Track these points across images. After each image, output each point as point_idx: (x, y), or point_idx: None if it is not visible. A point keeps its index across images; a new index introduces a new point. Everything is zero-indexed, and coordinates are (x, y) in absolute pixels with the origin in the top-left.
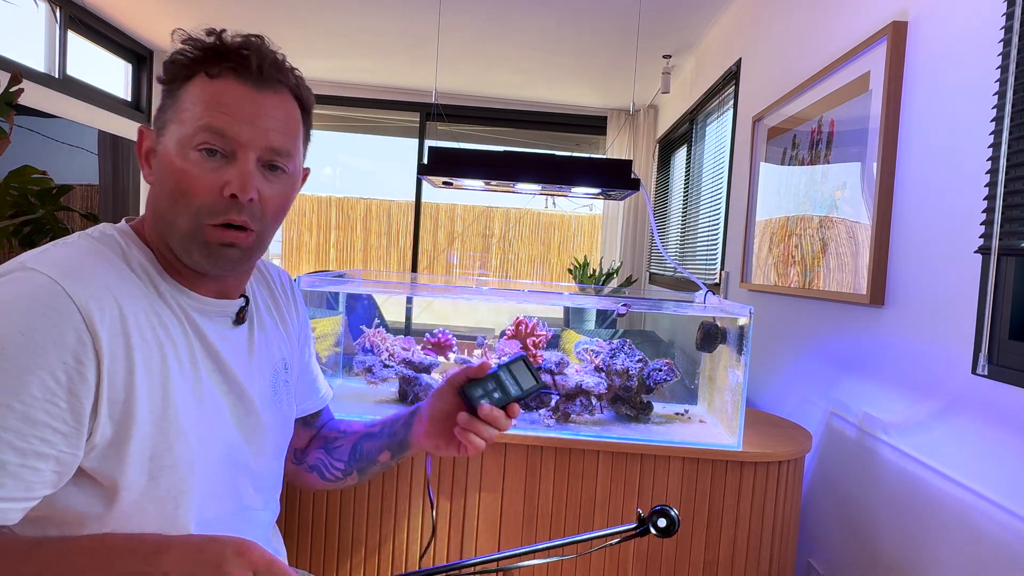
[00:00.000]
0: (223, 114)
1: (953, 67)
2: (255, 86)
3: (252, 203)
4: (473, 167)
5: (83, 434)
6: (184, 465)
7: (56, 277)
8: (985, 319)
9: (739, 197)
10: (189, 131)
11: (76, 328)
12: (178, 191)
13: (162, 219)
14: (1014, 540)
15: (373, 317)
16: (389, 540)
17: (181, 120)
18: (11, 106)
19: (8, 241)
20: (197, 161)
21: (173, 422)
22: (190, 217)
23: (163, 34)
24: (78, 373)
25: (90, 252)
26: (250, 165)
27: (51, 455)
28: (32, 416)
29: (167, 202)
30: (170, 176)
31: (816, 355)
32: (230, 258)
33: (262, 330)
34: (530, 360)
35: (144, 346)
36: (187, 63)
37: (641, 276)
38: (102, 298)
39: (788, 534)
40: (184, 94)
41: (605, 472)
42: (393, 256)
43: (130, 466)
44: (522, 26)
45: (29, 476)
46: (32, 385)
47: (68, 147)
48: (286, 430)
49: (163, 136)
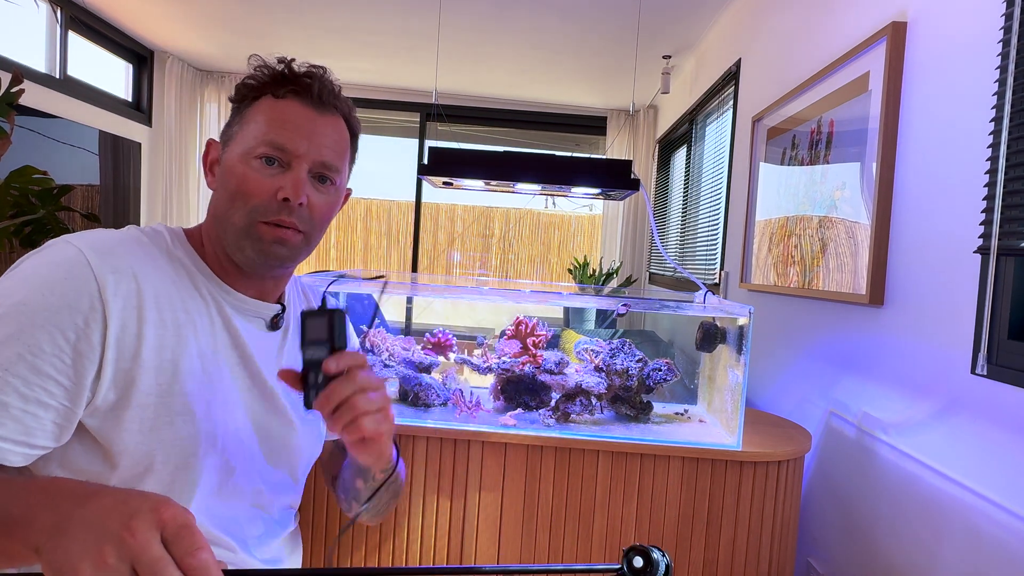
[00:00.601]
0: (284, 130)
1: (953, 67)
2: (314, 108)
3: (301, 207)
4: (473, 167)
5: (83, 393)
6: (186, 443)
7: (83, 249)
8: (984, 319)
9: (739, 197)
10: (252, 143)
11: (90, 294)
12: (237, 192)
13: (220, 218)
14: (1014, 540)
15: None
16: (389, 540)
17: (246, 133)
18: (12, 107)
19: (9, 241)
20: (257, 168)
21: (179, 399)
22: (245, 214)
23: (163, 34)
24: (85, 335)
25: (130, 238)
26: (303, 174)
27: (52, 405)
28: (39, 367)
29: (226, 202)
30: (232, 179)
31: (816, 355)
32: (279, 255)
33: (296, 340)
34: (308, 310)
35: (159, 323)
36: (256, 86)
37: (641, 276)
38: (121, 272)
39: (788, 534)
40: (250, 112)
41: (605, 472)
42: (393, 256)
43: (127, 431)
44: (522, 26)
45: (30, 422)
46: (43, 340)
47: (69, 147)
48: (310, 440)
49: (229, 147)
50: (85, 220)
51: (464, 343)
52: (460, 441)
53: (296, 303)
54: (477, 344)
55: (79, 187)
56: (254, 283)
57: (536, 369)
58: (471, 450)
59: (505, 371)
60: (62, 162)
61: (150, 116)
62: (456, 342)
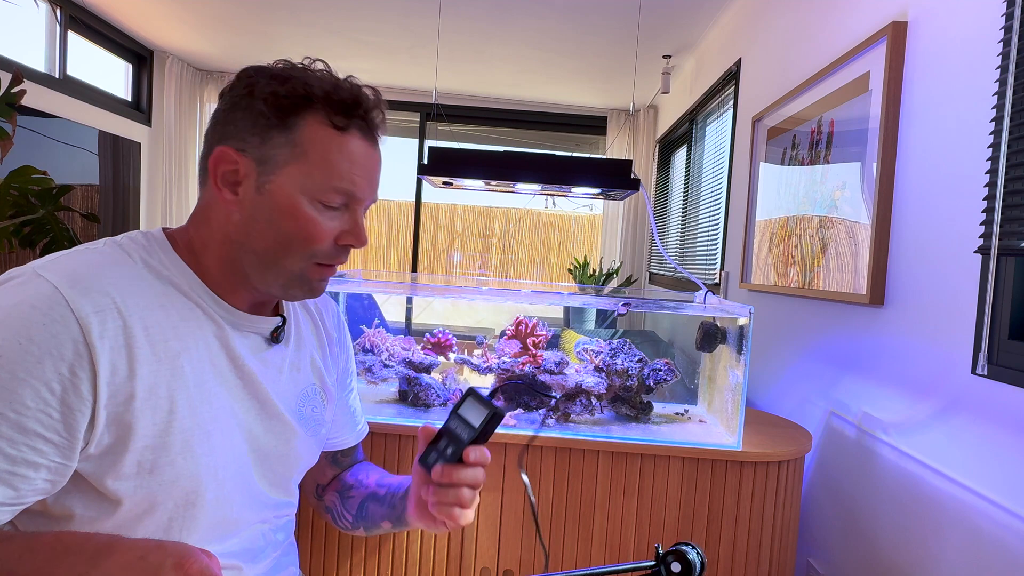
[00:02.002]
0: (361, 179)
1: (953, 67)
2: (373, 144)
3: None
4: (473, 167)
5: (76, 445)
6: (187, 482)
7: (60, 286)
8: (985, 319)
9: (739, 197)
10: (320, 184)
11: (73, 339)
12: (300, 237)
13: (260, 255)
14: (1014, 540)
15: (373, 317)
16: (389, 540)
17: (308, 167)
18: (13, 107)
19: (8, 241)
20: (321, 211)
21: (178, 437)
22: (303, 260)
23: (163, 34)
24: (72, 385)
25: (109, 260)
26: (362, 218)
27: (42, 464)
28: (24, 425)
29: (279, 242)
30: (288, 221)
31: (816, 355)
32: (321, 290)
33: (297, 352)
34: (478, 391)
35: (152, 359)
36: (305, 95)
37: (641, 276)
38: (104, 309)
39: (788, 534)
40: (303, 135)
41: (605, 472)
42: (393, 256)
43: (125, 477)
44: (522, 26)
45: (19, 484)
46: (26, 395)
47: (68, 147)
48: (309, 453)
49: (275, 175)
50: (84, 220)
51: (464, 343)
52: None
53: (292, 310)
54: (477, 344)
55: (79, 187)
56: (249, 296)
57: (536, 369)
58: None
59: (505, 371)
60: (62, 162)
61: (150, 116)
62: (456, 342)
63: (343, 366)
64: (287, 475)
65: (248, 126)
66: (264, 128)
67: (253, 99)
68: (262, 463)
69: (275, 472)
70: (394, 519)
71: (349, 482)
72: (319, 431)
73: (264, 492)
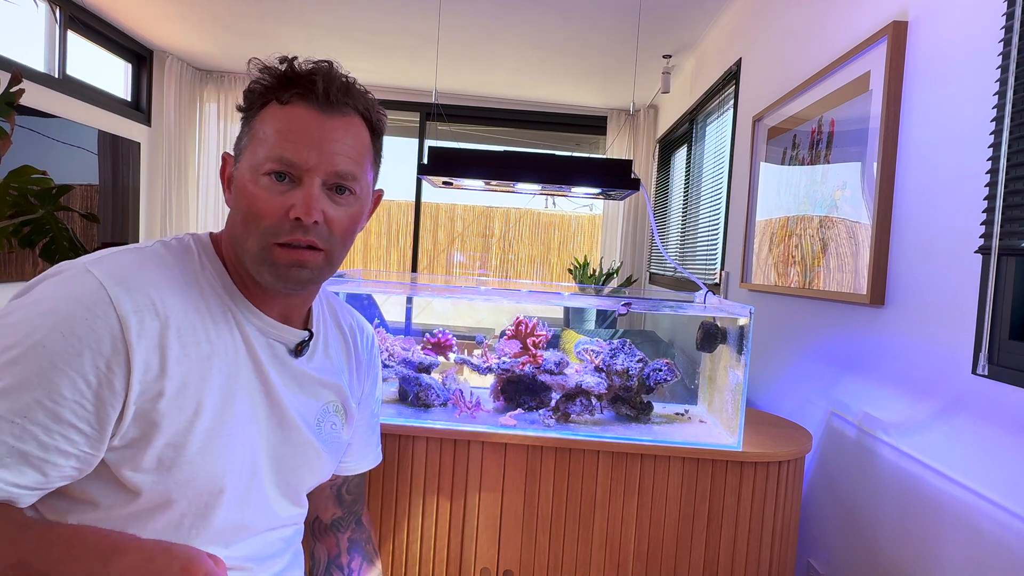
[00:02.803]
0: (291, 143)
1: (953, 67)
2: (322, 111)
3: (317, 225)
4: (473, 167)
5: (105, 437)
6: (204, 482)
7: (105, 283)
8: (985, 319)
9: (739, 197)
10: (260, 159)
11: (113, 335)
12: (249, 214)
13: (236, 240)
14: (1014, 540)
15: (373, 317)
16: (389, 540)
17: (254, 147)
18: (12, 107)
19: (8, 241)
20: (267, 186)
21: (199, 437)
22: (258, 238)
23: (163, 34)
24: (107, 380)
25: (155, 262)
26: (315, 189)
27: (72, 453)
28: (60, 414)
29: (240, 225)
30: (242, 200)
31: (816, 355)
32: (299, 279)
33: (323, 367)
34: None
35: (183, 359)
36: (261, 91)
37: (641, 276)
38: (144, 310)
39: (788, 534)
40: (257, 121)
41: (605, 472)
42: (393, 256)
43: (145, 471)
44: (522, 26)
45: (49, 470)
46: (63, 385)
47: (68, 147)
48: (323, 468)
49: (239, 162)
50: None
51: (464, 343)
52: (460, 441)
53: (323, 327)
54: (476, 343)
55: (78, 187)
56: (279, 303)
57: (536, 369)
58: (471, 450)
59: (505, 371)
60: (61, 162)
61: (149, 116)
62: (456, 342)
63: (368, 390)
64: (299, 486)
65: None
66: (242, 126)
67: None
68: (276, 472)
69: (288, 483)
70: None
71: (341, 561)
72: (336, 449)
73: (276, 501)
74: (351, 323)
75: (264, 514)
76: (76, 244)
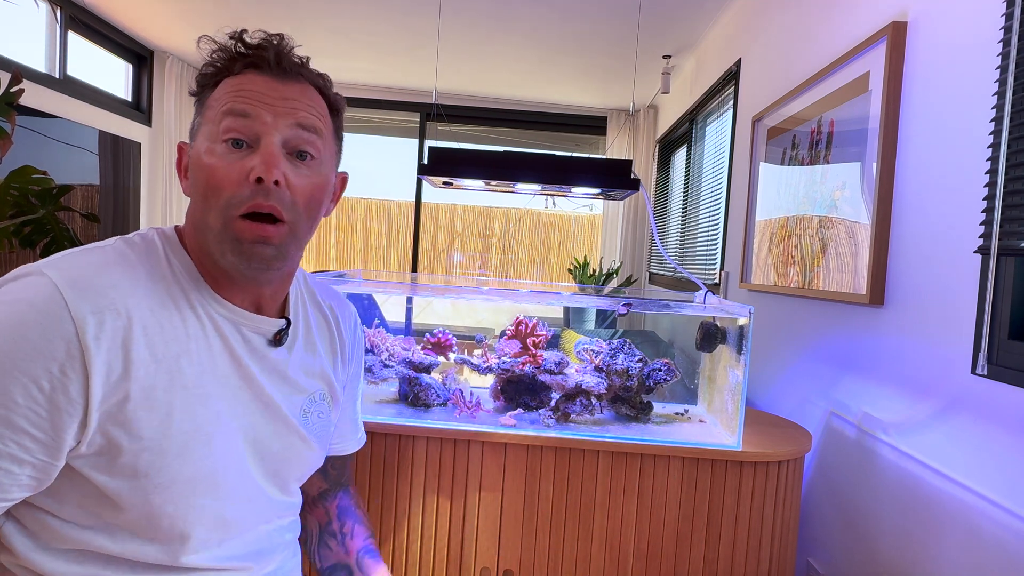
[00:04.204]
0: (244, 99)
1: (953, 67)
2: (276, 78)
3: (279, 188)
4: (473, 167)
5: (62, 445)
6: (186, 486)
7: (60, 285)
8: (985, 319)
9: (739, 197)
10: (214, 126)
11: (66, 339)
12: (208, 187)
13: (198, 223)
14: (1014, 540)
15: (373, 317)
16: (389, 540)
17: (206, 120)
18: (12, 107)
19: (8, 241)
20: (223, 154)
21: (177, 440)
22: (219, 211)
23: (163, 34)
24: (61, 385)
25: (115, 260)
26: (274, 148)
27: (27, 461)
28: (12, 421)
29: (200, 203)
30: (200, 174)
31: (816, 355)
32: (264, 256)
33: (305, 355)
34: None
35: (151, 360)
36: (213, 72)
37: (641, 276)
38: (103, 309)
39: (788, 534)
40: (210, 100)
41: (605, 472)
42: (393, 256)
43: (122, 477)
44: (522, 26)
45: (2, 478)
46: (16, 391)
47: (68, 147)
48: (313, 457)
49: (195, 142)
50: (85, 220)
51: (464, 343)
52: (460, 441)
53: (302, 312)
54: (476, 341)
55: (79, 187)
56: (250, 291)
57: (536, 369)
58: (471, 450)
59: (505, 371)
60: (62, 162)
61: (150, 116)
62: (456, 342)
63: (353, 372)
64: (290, 478)
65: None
66: (196, 112)
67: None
68: (265, 466)
69: (278, 475)
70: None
71: (332, 527)
72: (325, 436)
73: (267, 494)
74: (332, 304)
75: (256, 509)
76: (76, 244)
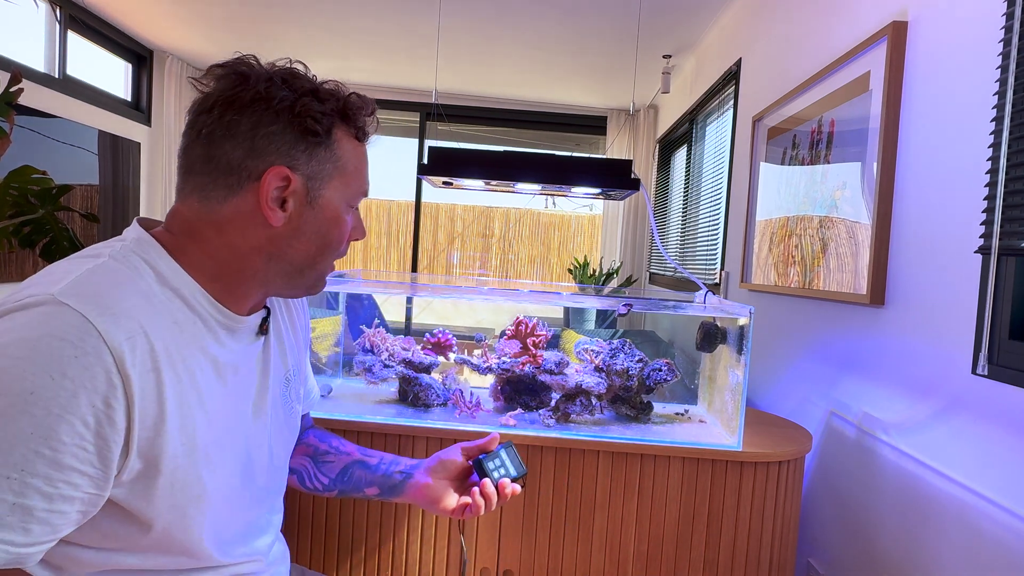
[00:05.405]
0: (368, 181)
1: (953, 67)
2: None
3: None
4: (473, 167)
5: (110, 476)
6: (211, 491)
7: (87, 314)
8: (985, 319)
9: (739, 197)
10: (353, 193)
11: (107, 370)
12: (338, 241)
13: (297, 263)
14: (1014, 540)
15: (373, 317)
16: (389, 540)
17: (346, 178)
18: (11, 106)
19: (8, 241)
20: (350, 216)
21: (202, 451)
22: (329, 261)
23: (163, 34)
24: (107, 417)
25: (124, 279)
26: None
27: (77, 497)
28: (60, 461)
29: (318, 250)
30: (334, 228)
31: (816, 355)
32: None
33: (278, 339)
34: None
35: (175, 380)
36: (340, 112)
37: (641, 276)
38: (134, 336)
39: (788, 534)
40: (340, 148)
41: (605, 472)
42: (393, 256)
43: (160, 499)
44: (522, 26)
45: (56, 520)
46: (62, 431)
47: (68, 147)
48: (293, 436)
49: (325, 189)
50: (84, 220)
51: (464, 343)
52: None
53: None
54: (476, 341)
55: (78, 187)
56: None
57: (536, 369)
58: None
59: (505, 371)
60: (61, 162)
61: (149, 116)
62: (456, 342)
63: (303, 336)
64: (282, 462)
65: (292, 142)
66: (312, 145)
67: (296, 117)
68: (262, 458)
69: (273, 464)
70: (386, 488)
71: (321, 448)
72: (298, 410)
73: (266, 484)
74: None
75: (259, 500)
76: (76, 244)
